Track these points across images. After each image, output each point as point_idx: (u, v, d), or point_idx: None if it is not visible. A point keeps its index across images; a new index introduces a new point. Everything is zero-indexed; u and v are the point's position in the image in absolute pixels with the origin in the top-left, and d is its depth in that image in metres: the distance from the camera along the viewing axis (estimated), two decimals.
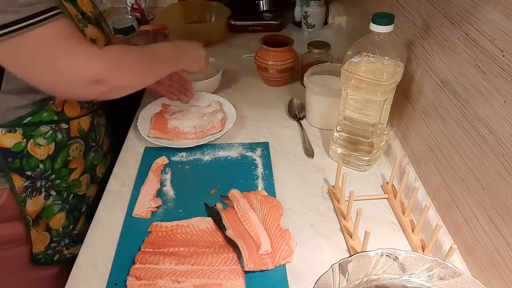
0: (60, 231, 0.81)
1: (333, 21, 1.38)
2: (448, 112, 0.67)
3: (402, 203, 0.79)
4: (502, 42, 0.52)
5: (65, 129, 0.77)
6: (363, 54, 0.75)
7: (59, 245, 0.82)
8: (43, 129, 0.73)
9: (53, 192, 0.78)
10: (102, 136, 0.91)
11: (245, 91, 1.16)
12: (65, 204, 0.81)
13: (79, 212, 0.85)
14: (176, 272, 0.66)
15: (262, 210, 0.76)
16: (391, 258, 0.54)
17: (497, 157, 0.55)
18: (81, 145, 0.82)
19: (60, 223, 0.81)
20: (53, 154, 0.76)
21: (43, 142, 0.74)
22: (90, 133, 0.84)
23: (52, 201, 0.78)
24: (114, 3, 1.71)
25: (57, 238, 0.81)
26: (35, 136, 0.72)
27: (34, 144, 0.72)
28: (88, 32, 0.74)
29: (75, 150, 0.80)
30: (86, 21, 0.74)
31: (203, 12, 1.48)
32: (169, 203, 0.80)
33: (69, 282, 0.66)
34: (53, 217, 0.79)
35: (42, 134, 0.73)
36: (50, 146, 0.75)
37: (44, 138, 0.73)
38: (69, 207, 0.82)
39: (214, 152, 0.92)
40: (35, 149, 0.73)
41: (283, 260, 0.68)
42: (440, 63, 0.69)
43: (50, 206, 0.78)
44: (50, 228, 0.80)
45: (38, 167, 0.74)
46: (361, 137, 0.83)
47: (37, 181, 0.75)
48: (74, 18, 0.71)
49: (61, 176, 0.79)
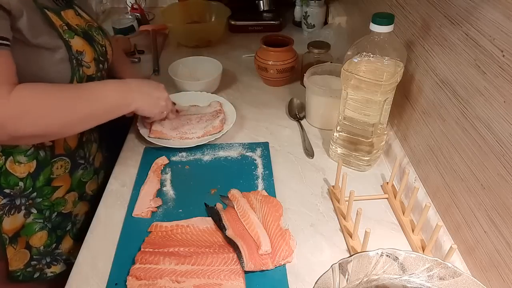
0: (41, 250, 0.79)
1: (333, 21, 1.38)
2: (448, 112, 0.67)
3: (402, 203, 0.79)
4: (502, 42, 0.52)
5: (49, 147, 0.74)
6: (363, 54, 0.75)
7: (39, 263, 0.79)
8: (24, 146, 0.70)
9: (33, 210, 0.75)
10: (94, 152, 0.88)
11: (245, 91, 1.16)
12: (47, 222, 0.78)
13: (63, 230, 0.82)
14: (176, 272, 0.66)
15: (262, 210, 0.76)
16: (391, 258, 0.54)
17: (497, 157, 0.55)
18: (66, 163, 0.79)
19: (42, 241, 0.78)
20: (35, 172, 0.73)
21: (23, 159, 0.71)
22: (78, 150, 0.82)
23: (33, 219, 0.76)
24: (114, 3, 1.71)
25: (37, 256, 0.78)
26: (15, 154, 0.70)
27: (13, 161, 0.70)
28: (74, 44, 0.72)
29: (59, 168, 0.78)
30: (72, 32, 0.72)
31: (203, 12, 1.48)
32: (169, 203, 0.80)
33: (69, 282, 0.66)
34: (33, 235, 0.77)
35: (23, 151, 0.70)
36: (31, 164, 0.72)
37: (24, 155, 0.71)
38: (51, 226, 0.79)
39: (214, 152, 0.92)
40: (14, 166, 0.70)
41: (283, 260, 0.68)
42: (440, 63, 0.69)
43: (30, 224, 0.76)
44: (30, 246, 0.77)
45: (17, 185, 0.71)
46: (361, 137, 0.83)
47: (16, 199, 0.72)
48: (59, 28, 0.70)
49: (43, 194, 0.76)
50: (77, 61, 0.72)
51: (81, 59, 0.73)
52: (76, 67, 0.72)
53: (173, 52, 1.38)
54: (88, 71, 0.75)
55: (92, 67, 0.77)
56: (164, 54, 1.37)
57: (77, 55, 0.72)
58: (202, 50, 1.35)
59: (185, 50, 1.36)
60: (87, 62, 0.75)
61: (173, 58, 1.16)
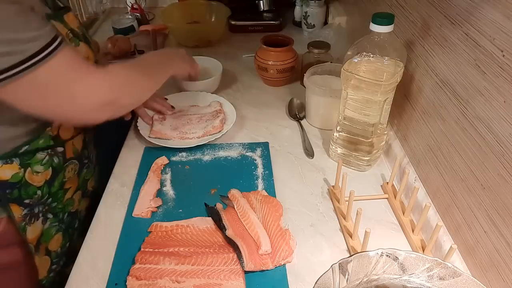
0: (58, 252, 0.81)
1: (333, 21, 1.38)
2: (448, 112, 0.67)
3: (402, 203, 0.78)
4: (502, 42, 0.52)
5: (61, 152, 0.76)
6: (363, 54, 0.75)
7: (58, 266, 0.81)
8: (40, 155, 0.72)
9: (50, 215, 0.77)
10: (92, 151, 0.91)
11: (245, 91, 1.16)
12: (61, 224, 0.80)
13: (73, 229, 0.85)
14: (176, 272, 0.66)
15: (262, 210, 0.76)
16: (391, 258, 0.54)
17: (497, 157, 0.55)
18: (75, 165, 0.81)
19: (58, 243, 0.80)
20: (50, 179, 0.75)
21: (40, 169, 0.72)
22: (83, 151, 0.84)
23: (50, 224, 0.77)
24: (114, 3, 1.71)
25: (56, 259, 0.80)
26: (32, 164, 0.71)
27: (31, 172, 0.71)
28: (81, 50, 0.73)
29: (70, 171, 0.80)
30: (76, 39, 0.73)
31: (203, 12, 1.48)
32: (169, 203, 0.80)
33: (69, 282, 0.66)
34: (51, 239, 0.78)
35: (39, 161, 0.72)
36: (47, 172, 0.74)
37: (41, 164, 0.72)
38: (64, 226, 0.81)
39: (214, 152, 0.92)
40: (32, 177, 0.71)
41: (283, 260, 0.68)
42: (440, 63, 0.69)
43: (47, 229, 0.77)
44: (49, 251, 0.78)
45: (36, 194, 0.73)
46: (361, 137, 0.83)
47: (35, 208, 0.74)
48: (66, 37, 0.70)
49: (57, 198, 0.78)
50: None
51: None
52: None
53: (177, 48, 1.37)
54: None
55: None
56: None
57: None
58: (202, 50, 1.34)
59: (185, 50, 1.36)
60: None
61: None
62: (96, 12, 1.64)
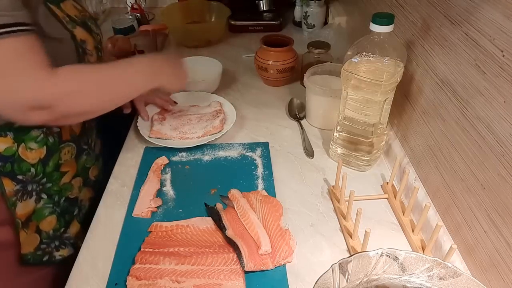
0: (50, 234, 0.81)
1: (333, 21, 1.38)
2: (448, 112, 0.67)
3: (402, 203, 0.79)
4: (502, 42, 0.52)
5: (57, 133, 0.76)
6: (363, 54, 0.75)
7: (49, 247, 0.81)
8: (34, 133, 0.72)
9: (44, 195, 0.77)
10: (94, 139, 0.90)
11: (245, 91, 1.16)
12: (56, 207, 0.80)
13: (70, 215, 0.84)
14: (176, 272, 0.66)
15: (262, 210, 0.76)
16: (391, 258, 0.54)
17: (497, 157, 0.55)
18: (73, 149, 0.81)
19: (51, 225, 0.80)
20: (45, 158, 0.75)
21: (34, 146, 0.73)
22: (82, 136, 0.84)
23: (43, 204, 0.78)
24: (114, 3, 1.71)
25: (47, 240, 0.80)
26: (26, 140, 0.72)
27: (25, 148, 0.72)
28: (78, 34, 0.74)
29: (67, 153, 0.80)
30: (73, 23, 0.74)
31: (203, 12, 1.49)
32: (169, 203, 0.80)
33: (69, 282, 0.66)
34: (43, 219, 0.78)
35: (34, 138, 0.72)
36: (41, 150, 0.74)
37: (35, 142, 0.73)
38: (60, 210, 0.81)
39: (214, 152, 0.92)
40: (26, 153, 0.72)
41: (283, 260, 0.68)
42: (440, 63, 0.69)
43: (40, 209, 0.78)
44: (40, 230, 0.79)
45: (29, 171, 0.73)
46: (361, 137, 0.83)
47: (28, 185, 0.74)
48: (62, 19, 0.71)
49: (52, 179, 0.78)
50: (82, 49, 0.75)
51: (85, 48, 0.76)
52: (82, 55, 0.75)
53: (173, 52, 1.37)
54: (91, 59, 0.78)
55: (94, 54, 0.79)
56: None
57: (81, 44, 0.75)
58: (202, 50, 1.35)
59: (185, 50, 1.36)
60: (90, 50, 0.78)
61: None
62: (96, 12, 1.64)
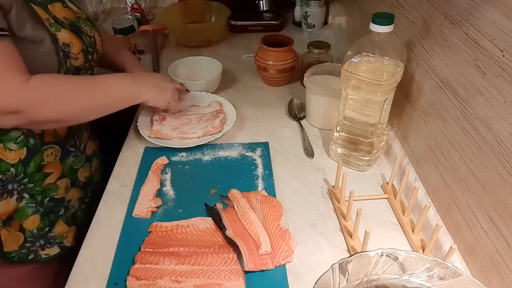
0: (34, 232, 0.81)
1: (333, 21, 1.38)
2: (448, 112, 0.67)
3: (402, 203, 0.79)
4: (502, 42, 0.52)
5: (38, 135, 0.76)
6: (363, 54, 0.75)
7: (33, 245, 0.81)
8: (14, 134, 0.73)
9: (26, 195, 0.78)
10: (85, 141, 0.90)
11: (245, 91, 1.16)
12: (39, 207, 0.80)
13: (55, 215, 0.84)
14: (176, 272, 0.66)
15: (262, 210, 0.76)
16: (391, 258, 0.54)
17: (497, 157, 0.55)
18: (56, 151, 0.80)
19: (34, 224, 0.80)
20: (25, 159, 0.75)
21: (14, 147, 0.73)
22: (68, 138, 0.83)
23: (25, 203, 0.78)
24: (114, 3, 1.71)
25: (31, 238, 0.81)
26: (5, 141, 0.72)
27: (4, 148, 0.72)
28: (61, 36, 0.73)
29: (50, 155, 0.79)
30: (59, 25, 0.74)
31: (203, 12, 1.49)
32: (169, 203, 0.80)
33: (69, 282, 0.66)
34: (26, 218, 0.79)
35: (13, 138, 0.73)
36: (21, 151, 0.74)
37: (15, 143, 0.73)
38: (44, 210, 0.81)
39: (214, 152, 0.92)
40: (5, 153, 0.73)
41: (283, 260, 0.68)
42: (440, 63, 0.69)
43: (23, 208, 0.78)
44: (23, 229, 0.79)
45: (9, 171, 0.74)
46: (361, 137, 0.83)
47: (8, 184, 0.75)
48: (46, 21, 0.71)
49: (34, 180, 0.78)
50: (64, 53, 0.74)
51: (68, 51, 0.75)
52: (63, 59, 0.74)
53: (173, 52, 1.38)
54: (75, 63, 0.77)
55: (81, 58, 0.78)
56: (164, 54, 1.37)
57: (63, 48, 0.74)
58: (202, 50, 1.35)
59: (185, 50, 1.36)
60: (74, 54, 0.76)
61: (173, 58, 1.16)
62: (96, 12, 1.64)
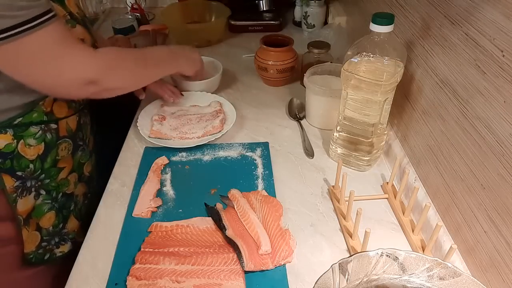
0: (50, 230, 0.82)
1: (333, 21, 1.38)
2: (448, 112, 0.67)
3: (402, 203, 0.79)
4: (502, 42, 0.52)
5: (54, 129, 0.77)
6: (363, 54, 0.75)
7: (49, 244, 0.82)
8: (33, 129, 0.74)
9: (42, 191, 0.78)
10: (88, 135, 0.92)
11: (245, 91, 1.16)
12: (54, 203, 0.81)
13: (67, 210, 0.85)
14: (176, 272, 0.66)
15: (262, 210, 0.76)
16: (391, 258, 0.54)
17: (497, 157, 0.55)
18: (69, 145, 0.82)
19: (50, 222, 0.81)
20: (43, 154, 0.76)
21: (33, 142, 0.74)
22: (78, 132, 0.85)
23: (42, 200, 0.79)
24: (114, 3, 1.71)
25: (47, 237, 0.81)
26: (25, 137, 0.73)
27: (24, 144, 0.73)
28: (76, 32, 0.75)
29: (64, 149, 0.81)
30: (74, 21, 0.75)
31: (203, 12, 1.48)
32: (169, 203, 0.80)
33: (69, 282, 0.66)
34: (43, 216, 0.80)
35: (32, 134, 0.74)
36: (40, 146, 0.75)
37: (34, 138, 0.74)
38: (58, 206, 0.82)
39: (214, 152, 0.92)
40: (25, 149, 0.73)
41: (283, 260, 0.68)
42: (440, 63, 0.69)
43: (39, 205, 0.79)
44: (40, 228, 0.80)
45: (28, 167, 0.75)
46: (361, 137, 0.83)
47: (27, 181, 0.75)
48: (63, 18, 0.72)
49: (50, 175, 0.79)
50: None
51: None
52: None
53: None
54: None
55: None
56: None
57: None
58: (202, 50, 1.34)
59: None
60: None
61: None
62: (96, 12, 1.64)
